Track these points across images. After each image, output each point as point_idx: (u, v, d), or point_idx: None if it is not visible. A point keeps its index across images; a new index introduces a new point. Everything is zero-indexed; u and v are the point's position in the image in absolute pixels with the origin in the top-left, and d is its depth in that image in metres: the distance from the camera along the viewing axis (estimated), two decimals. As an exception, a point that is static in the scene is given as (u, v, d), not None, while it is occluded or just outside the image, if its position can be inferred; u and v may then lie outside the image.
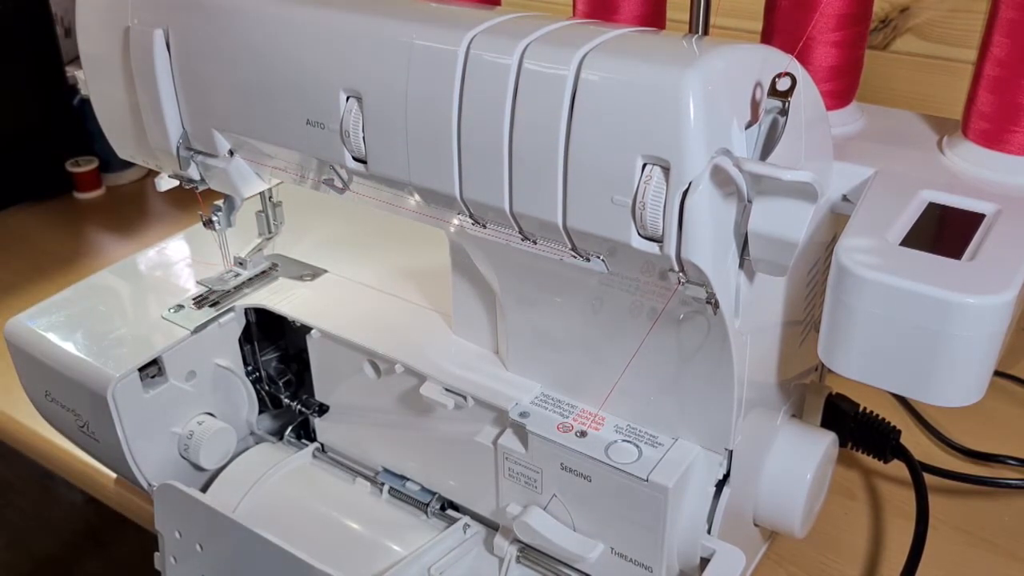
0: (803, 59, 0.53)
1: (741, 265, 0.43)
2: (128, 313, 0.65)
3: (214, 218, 0.63)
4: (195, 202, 0.63)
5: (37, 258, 0.99)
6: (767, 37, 0.55)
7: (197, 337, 0.62)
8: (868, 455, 0.62)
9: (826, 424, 0.60)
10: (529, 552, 0.55)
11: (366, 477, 0.63)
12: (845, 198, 0.50)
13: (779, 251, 0.41)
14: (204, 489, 0.64)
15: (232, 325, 0.64)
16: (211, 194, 0.62)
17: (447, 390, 0.55)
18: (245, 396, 0.66)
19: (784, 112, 0.41)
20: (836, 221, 0.51)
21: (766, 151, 0.41)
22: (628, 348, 0.49)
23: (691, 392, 0.49)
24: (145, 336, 0.62)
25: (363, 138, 0.48)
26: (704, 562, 0.50)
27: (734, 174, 0.39)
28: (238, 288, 0.66)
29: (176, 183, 0.62)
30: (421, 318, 0.61)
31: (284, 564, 0.52)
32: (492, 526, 0.58)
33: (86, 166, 1.10)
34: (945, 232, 0.46)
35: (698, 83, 0.38)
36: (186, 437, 0.62)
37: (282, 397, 0.67)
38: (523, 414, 0.52)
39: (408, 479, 0.62)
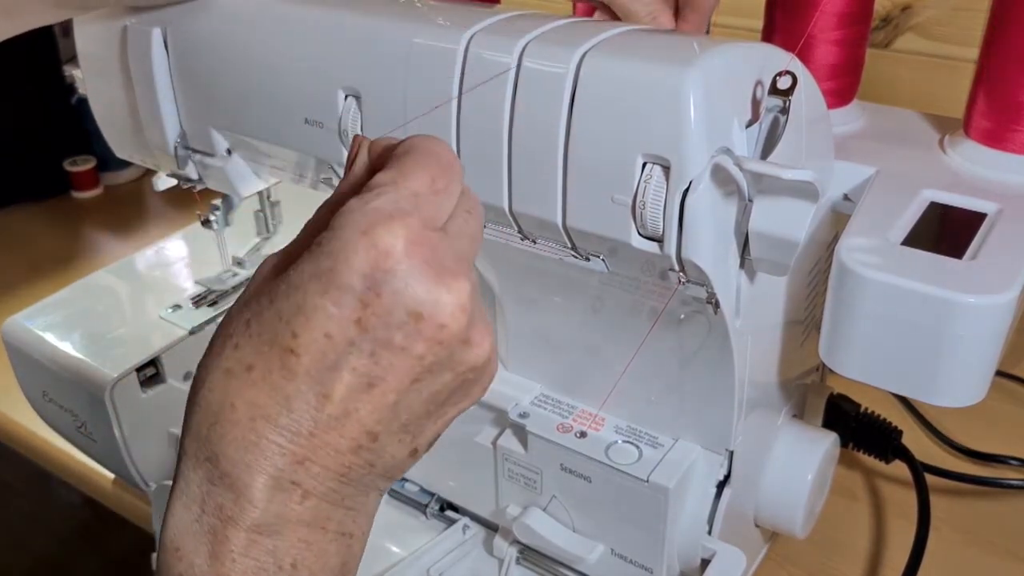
0: (804, 57, 0.53)
1: (742, 265, 0.43)
2: (126, 313, 0.65)
3: (212, 218, 0.63)
4: (193, 201, 0.63)
5: (34, 257, 0.98)
6: (768, 35, 0.55)
7: (195, 337, 0.62)
8: (869, 455, 0.62)
9: (827, 424, 0.60)
10: (529, 553, 0.55)
11: (365, 478, 0.62)
12: (846, 197, 0.50)
13: (780, 250, 0.41)
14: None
15: (230, 325, 0.64)
16: (209, 193, 0.62)
17: (446, 390, 0.54)
18: (243, 396, 0.66)
19: (785, 111, 0.41)
20: (837, 220, 0.51)
21: (767, 150, 0.41)
22: (628, 348, 0.49)
23: (692, 392, 0.48)
24: (143, 336, 0.61)
25: (362, 137, 0.48)
26: (705, 563, 0.50)
27: (735, 173, 0.39)
28: (236, 288, 0.66)
29: (174, 182, 0.62)
30: (420, 318, 0.60)
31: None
32: (492, 527, 0.58)
33: (84, 165, 1.10)
34: (946, 231, 0.45)
35: (699, 82, 0.38)
36: (184, 437, 0.62)
37: (281, 397, 0.67)
38: (523, 414, 0.52)
39: (407, 479, 0.61)
